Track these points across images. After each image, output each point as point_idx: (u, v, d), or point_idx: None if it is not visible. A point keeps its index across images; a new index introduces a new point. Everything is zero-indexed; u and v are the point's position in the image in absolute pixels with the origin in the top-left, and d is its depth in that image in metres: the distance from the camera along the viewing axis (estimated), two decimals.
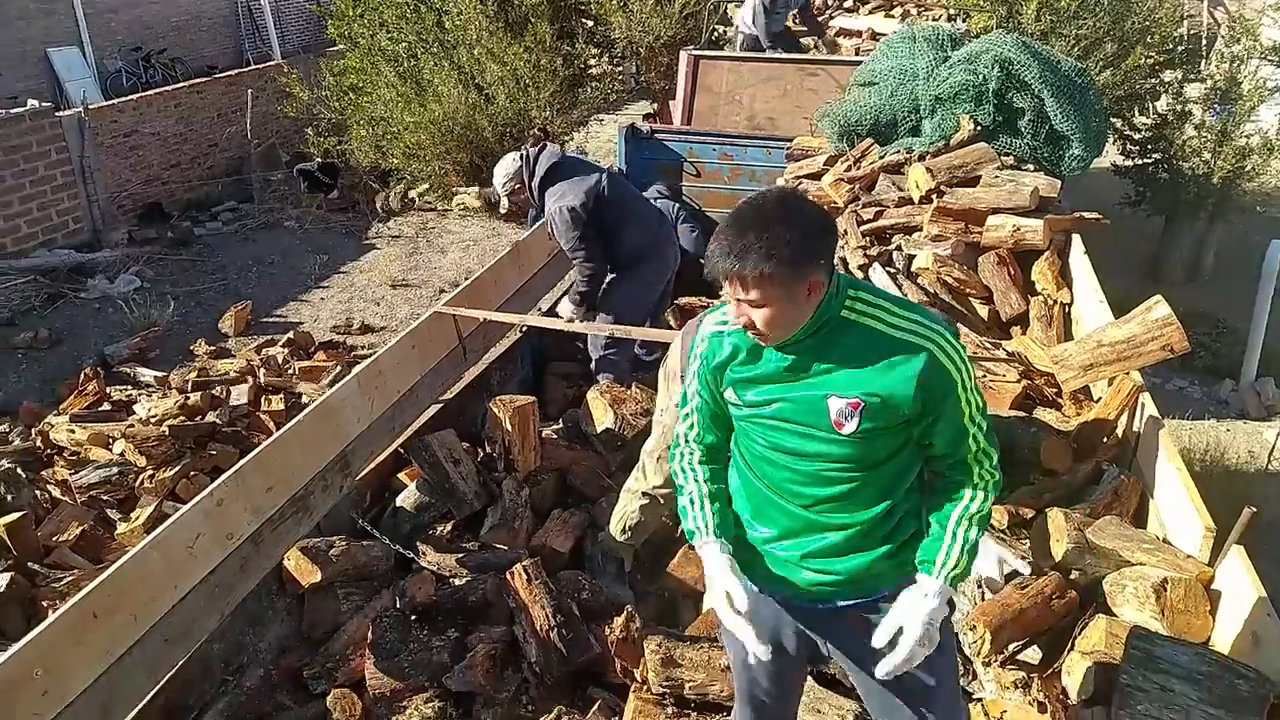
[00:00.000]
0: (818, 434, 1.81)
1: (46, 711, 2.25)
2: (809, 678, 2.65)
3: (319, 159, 10.23)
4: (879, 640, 1.84)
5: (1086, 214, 4.50)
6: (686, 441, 2.02)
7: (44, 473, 4.94)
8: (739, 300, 1.73)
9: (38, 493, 4.61)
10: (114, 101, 10.02)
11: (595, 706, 2.77)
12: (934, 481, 1.95)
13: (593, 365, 4.71)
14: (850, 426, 1.78)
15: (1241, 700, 2.06)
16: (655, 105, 10.65)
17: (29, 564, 4.08)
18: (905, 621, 1.80)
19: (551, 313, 5.03)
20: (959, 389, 1.80)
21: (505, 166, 4.72)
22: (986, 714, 2.47)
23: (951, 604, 2.10)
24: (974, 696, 2.64)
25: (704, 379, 1.93)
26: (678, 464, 2.03)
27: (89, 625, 2.39)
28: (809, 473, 1.86)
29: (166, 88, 10.76)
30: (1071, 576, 2.73)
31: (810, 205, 1.82)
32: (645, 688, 2.69)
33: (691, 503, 1.97)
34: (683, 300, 5.13)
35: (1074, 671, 2.42)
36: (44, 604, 3.83)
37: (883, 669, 1.82)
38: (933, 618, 1.81)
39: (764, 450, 1.89)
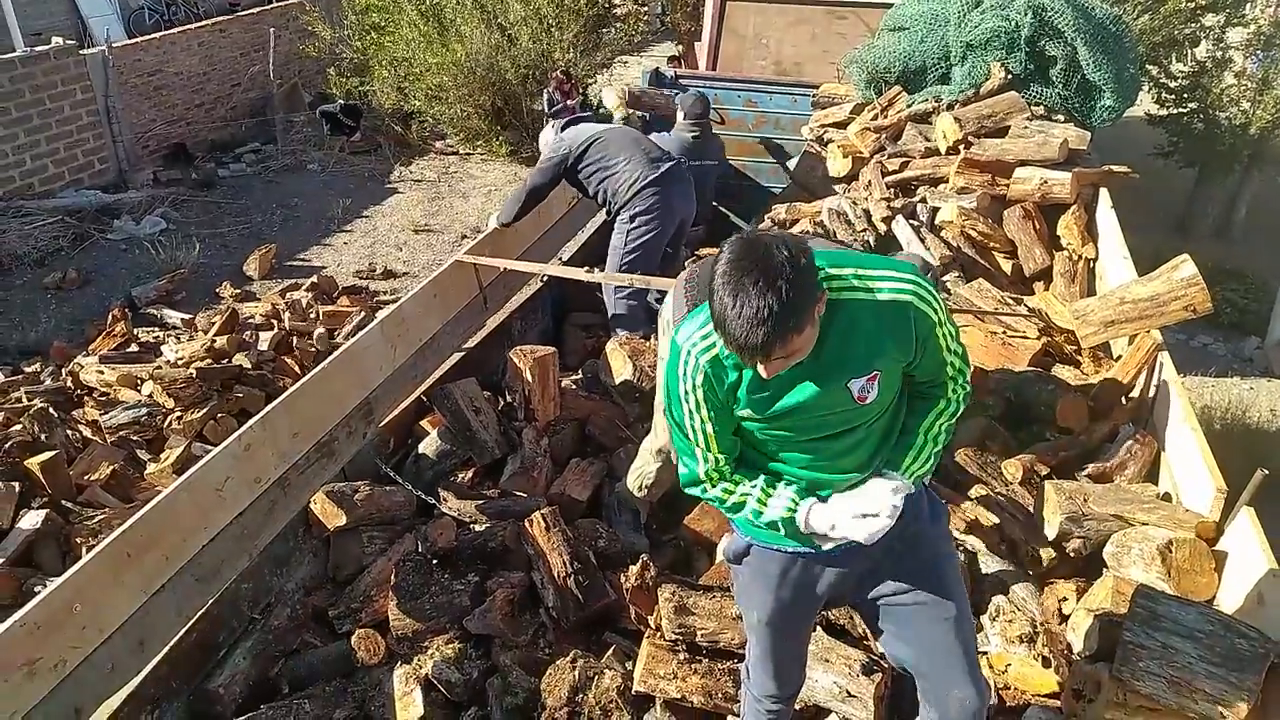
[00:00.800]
0: (841, 412, 1.85)
1: (86, 644, 2.35)
2: (818, 627, 2.72)
3: (341, 100, 10.18)
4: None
5: (1116, 167, 4.43)
6: (709, 477, 1.94)
7: (74, 413, 5.05)
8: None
9: (69, 432, 4.73)
10: (138, 40, 10.00)
11: (610, 651, 2.85)
12: (911, 393, 2.00)
13: (609, 317, 4.73)
14: (871, 395, 1.83)
15: (1242, 658, 2.10)
16: (680, 47, 10.49)
17: (63, 501, 4.21)
18: (873, 508, 1.86)
19: (571, 263, 5.06)
20: (938, 326, 1.84)
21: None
22: (992, 667, 2.53)
23: (947, 513, 2.21)
24: (980, 650, 2.69)
25: (713, 407, 1.84)
26: (717, 493, 1.95)
27: (124, 564, 2.48)
28: (834, 445, 1.91)
29: (190, 26, 10.70)
30: (1070, 547, 2.77)
31: (774, 241, 1.61)
32: (659, 634, 2.76)
33: (760, 502, 1.92)
34: (704, 253, 5.11)
35: (1079, 628, 2.47)
36: (77, 541, 3.97)
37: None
38: (894, 510, 1.86)
39: (785, 441, 1.92)
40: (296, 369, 5.47)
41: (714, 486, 1.95)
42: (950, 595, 2.05)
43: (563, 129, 4.77)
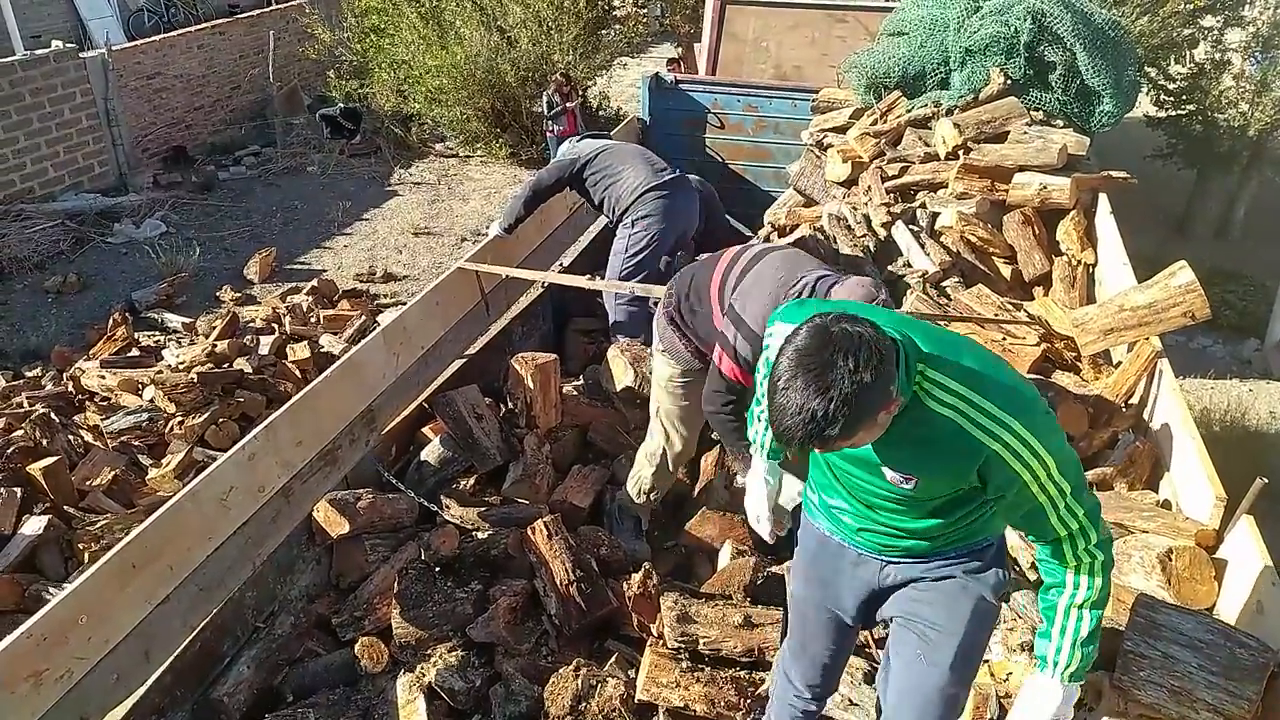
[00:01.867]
0: (880, 487, 1.86)
1: (92, 655, 2.36)
2: None
3: (341, 103, 10.19)
4: None
5: (1115, 173, 4.44)
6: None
7: (76, 418, 5.06)
8: None
9: (70, 437, 4.73)
10: (138, 42, 10.01)
11: (612, 659, 2.87)
12: (1037, 562, 1.91)
13: (610, 324, 4.75)
14: (908, 487, 1.82)
15: (1243, 668, 2.11)
16: (679, 49, 10.50)
17: (65, 507, 4.21)
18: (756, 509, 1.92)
19: (572, 270, 5.08)
20: (1026, 481, 1.71)
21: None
22: (993, 675, 2.54)
23: (1001, 584, 2.04)
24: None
25: None
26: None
27: (129, 574, 2.49)
28: (871, 496, 1.92)
29: (189, 28, 10.71)
30: None
31: (846, 343, 1.54)
32: (661, 642, 2.78)
33: (762, 423, 2.13)
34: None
35: None
36: (79, 547, 3.97)
37: None
38: (1057, 716, 1.85)
39: (826, 478, 2.00)
40: (297, 373, 5.49)
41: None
42: (951, 652, 1.99)
43: (578, 141, 4.85)
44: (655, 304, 4.72)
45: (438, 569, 3.11)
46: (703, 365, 3.10)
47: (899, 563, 2.03)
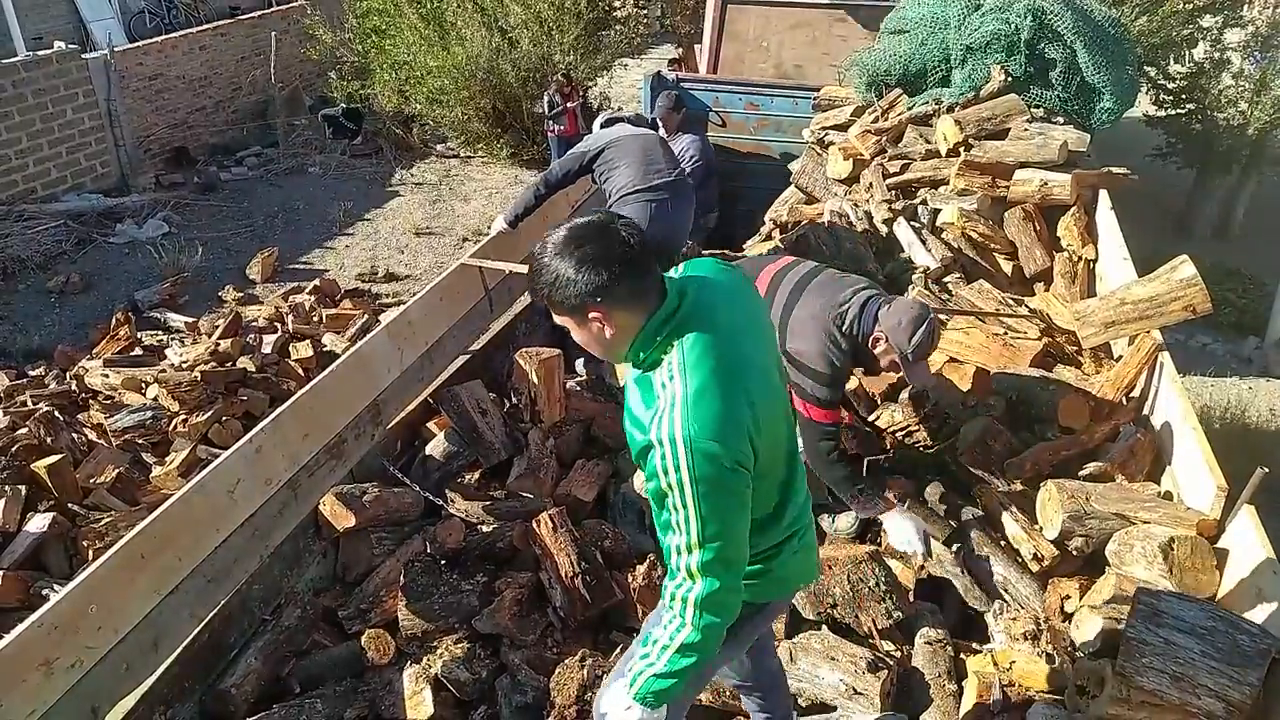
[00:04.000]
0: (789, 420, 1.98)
1: (101, 645, 2.38)
2: (824, 625, 2.75)
3: (343, 104, 10.21)
4: None
5: (1115, 170, 4.46)
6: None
7: (79, 416, 5.08)
8: None
9: (74, 436, 4.75)
10: (139, 44, 10.03)
11: (618, 650, 2.88)
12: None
13: None
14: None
15: (1244, 655, 2.13)
16: (680, 50, 10.51)
17: (69, 505, 4.23)
18: None
19: None
20: (655, 466, 1.67)
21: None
22: (996, 664, 2.56)
23: None
24: (986, 647, 2.72)
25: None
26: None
27: (138, 565, 2.51)
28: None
29: (191, 30, 10.74)
30: (1073, 546, 2.80)
31: (610, 241, 1.68)
32: None
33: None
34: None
35: (1082, 625, 2.50)
36: (84, 544, 3.99)
37: None
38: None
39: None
40: (300, 372, 5.50)
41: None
42: None
43: (603, 125, 4.77)
44: None
45: (443, 562, 3.12)
46: None
47: None
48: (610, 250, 1.67)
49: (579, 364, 4.47)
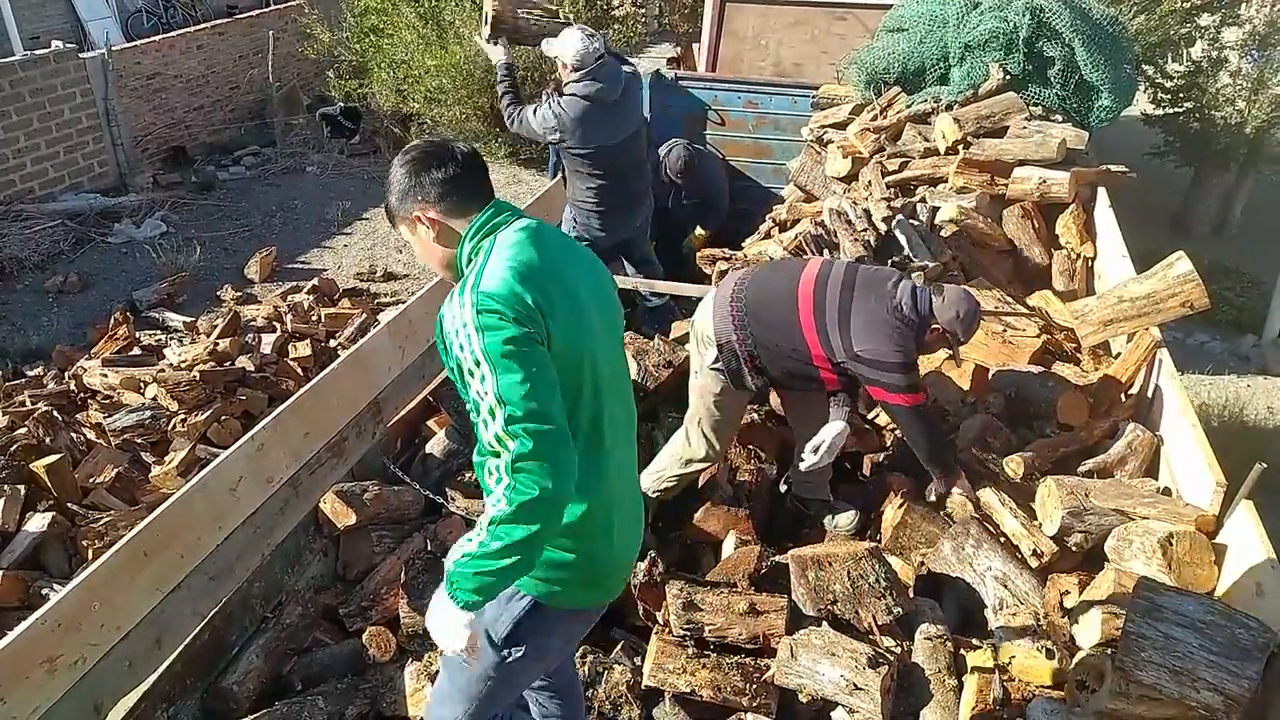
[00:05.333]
0: (622, 373, 2.09)
1: (104, 642, 2.39)
2: (824, 622, 2.76)
3: (341, 103, 10.21)
4: None
5: (1114, 167, 4.48)
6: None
7: (78, 416, 5.08)
8: None
9: (73, 435, 4.75)
10: (137, 43, 10.01)
11: (619, 647, 2.89)
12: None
13: None
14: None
15: (1243, 648, 2.14)
16: (678, 48, 10.52)
17: (68, 504, 4.23)
18: None
19: None
20: (455, 338, 1.75)
21: (568, 46, 4.32)
22: (996, 660, 2.56)
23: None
24: (986, 643, 2.73)
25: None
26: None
27: (140, 563, 2.51)
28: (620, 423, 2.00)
29: (188, 29, 10.72)
30: (1072, 541, 2.81)
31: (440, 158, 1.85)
32: (667, 629, 2.80)
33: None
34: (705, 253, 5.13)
35: (1081, 620, 2.51)
36: (84, 543, 3.99)
37: None
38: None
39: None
40: (299, 371, 5.50)
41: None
42: None
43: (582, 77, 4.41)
44: (649, 294, 4.78)
45: (444, 560, 3.12)
46: (754, 389, 3.16)
47: None
48: (438, 159, 1.82)
49: None
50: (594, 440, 1.85)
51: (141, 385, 5.14)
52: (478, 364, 1.65)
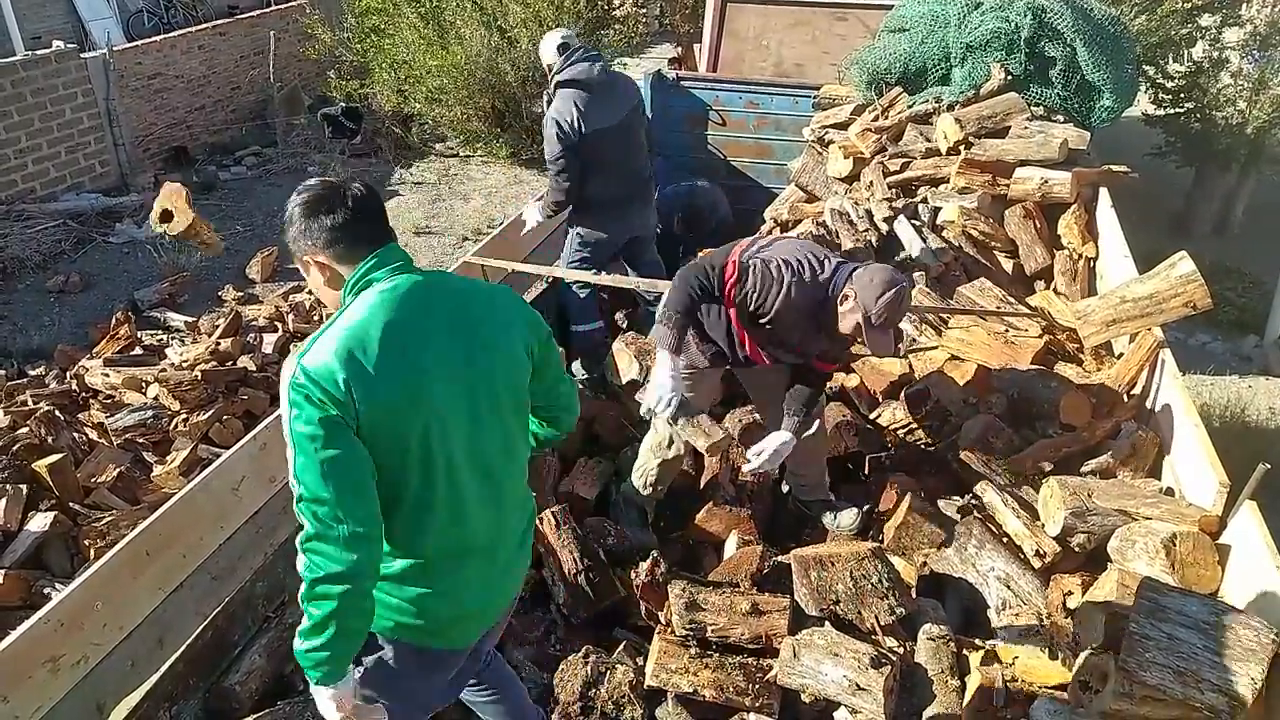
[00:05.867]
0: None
1: (107, 642, 2.39)
2: (826, 621, 2.76)
3: (342, 103, 10.21)
4: None
5: (1115, 167, 4.48)
6: None
7: (80, 415, 5.08)
8: None
9: (75, 435, 4.75)
10: (138, 43, 10.02)
11: (620, 647, 2.89)
12: None
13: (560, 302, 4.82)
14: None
15: (1247, 649, 2.13)
16: (680, 48, 10.52)
17: (70, 504, 4.23)
18: None
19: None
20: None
21: (549, 44, 4.55)
22: (999, 660, 2.56)
23: None
24: (989, 643, 2.73)
25: None
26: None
27: (143, 562, 2.52)
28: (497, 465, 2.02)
29: (190, 29, 10.73)
30: (1075, 542, 2.81)
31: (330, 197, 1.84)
32: (669, 629, 2.80)
33: None
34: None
35: (1085, 620, 2.50)
36: (86, 543, 3.99)
37: None
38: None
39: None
40: None
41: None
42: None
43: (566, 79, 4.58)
44: (652, 297, 4.78)
45: None
46: (708, 365, 3.14)
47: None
48: (329, 203, 1.82)
49: (575, 366, 4.48)
50: (424, 502, 1.87)
51: (143, 385, 5.14)
52: (288, 435, 1.75)
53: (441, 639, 2.02)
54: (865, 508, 3.39)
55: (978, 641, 2.76)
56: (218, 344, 5.56)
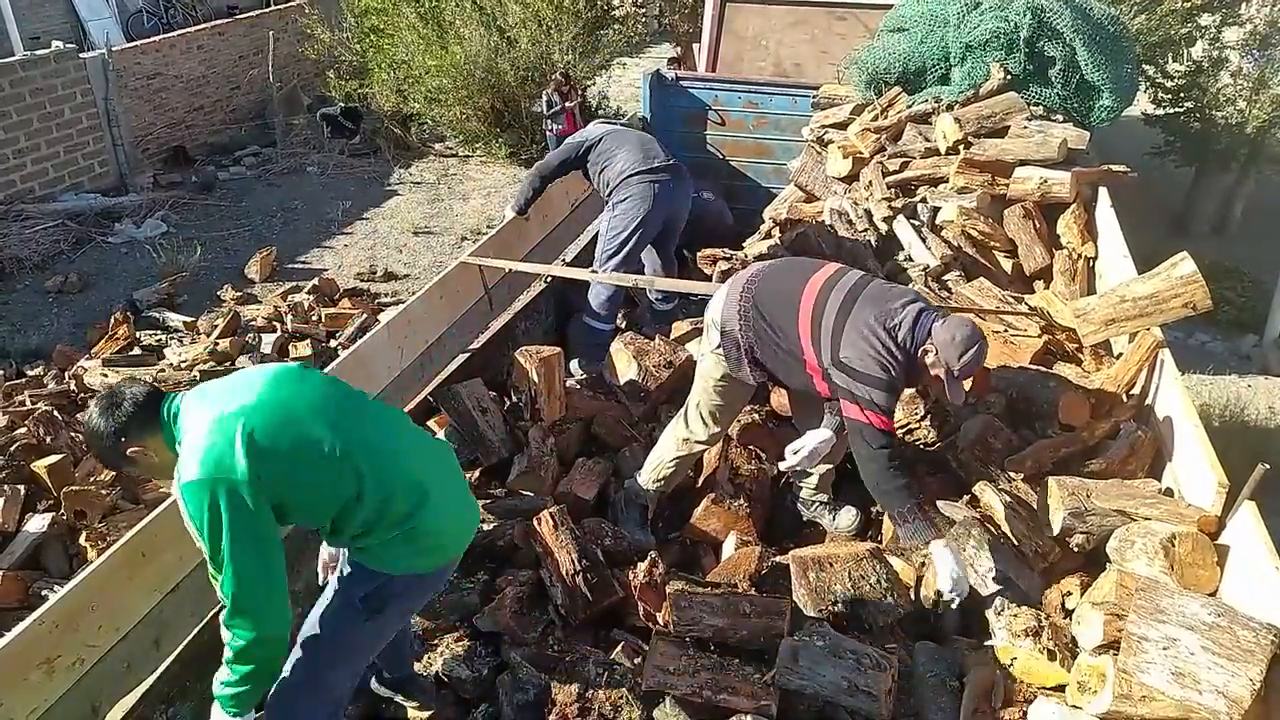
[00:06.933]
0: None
1: (103, 643, 2.38)
2: (825, 622, 2.75)
3: (341, 103, 10.21)
4: None
5: (1115, 167, 4.47)
6: None
7: (79, 416, 5.07)
8: None
9: (73, 435, 4.74)
10: (137, 43, 10.03)
11: (619, 648, 2.88)
12: None
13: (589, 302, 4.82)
14: None
15: (1246, 650, 2.13)
16: (679, 48, 10.52)
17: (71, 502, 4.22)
18: None
19: (575, 263, 5.12)
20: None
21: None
22: (998, 661, 2.56)
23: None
24: (987, 644, 2.72)
25: None
26: None
27: (138, 564, 2.50)
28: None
29: (189, 29, 10.73)
30: (1074, 542, 2.80)
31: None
32: (667, 630, 2.79)
33: None
34: (706, 253, 5.12)
35: (1083, 621, 2.50)
36: (84, 543, 3.99)
37: None
38: None
39: None
40: None
41: None
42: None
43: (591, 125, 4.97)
44: (656, 295, 4.77)
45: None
46: (753, 384, 3.17)
47: None
48: (118, 399, 2.08)
49: (573, 364, 4.48)
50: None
51: None
52: (202, 539, 2.08)
53: (440, 553, 2.33)
54: (864, 508, 3.38)
55: (977, 642, 2.76)
56: (216, 344, 5.56)
